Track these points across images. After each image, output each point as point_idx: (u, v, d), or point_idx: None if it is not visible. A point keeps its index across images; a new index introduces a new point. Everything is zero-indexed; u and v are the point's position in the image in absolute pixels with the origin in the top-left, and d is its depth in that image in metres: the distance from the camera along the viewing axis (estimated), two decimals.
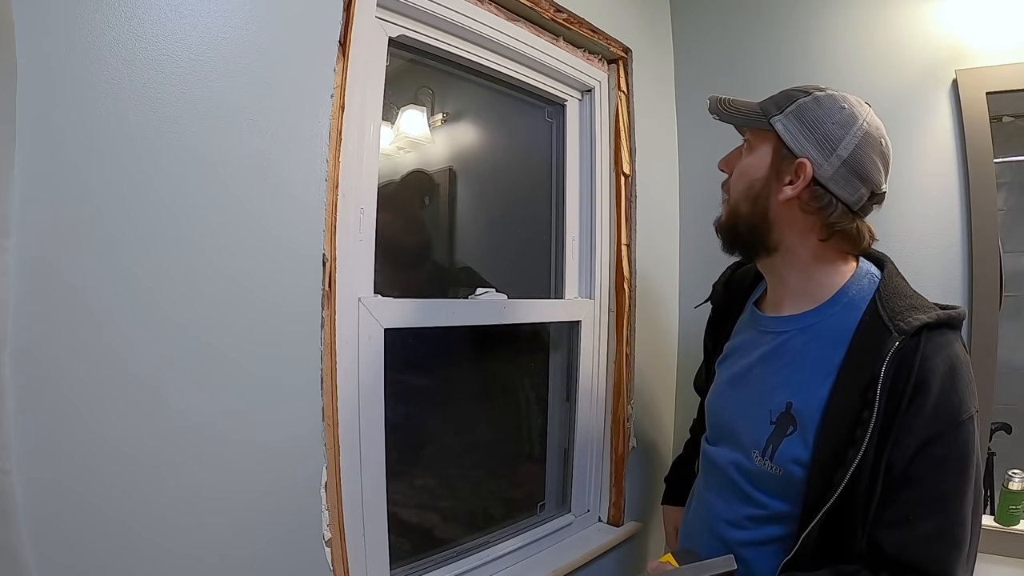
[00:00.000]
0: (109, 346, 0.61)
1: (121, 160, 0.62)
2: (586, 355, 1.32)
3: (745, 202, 0.81)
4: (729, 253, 0.88)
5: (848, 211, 0.75)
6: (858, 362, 0.71)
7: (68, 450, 0.59)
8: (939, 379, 0.68)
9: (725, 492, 0.84)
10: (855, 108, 0.75)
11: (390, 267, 1.05)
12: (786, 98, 0.78)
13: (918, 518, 0.66)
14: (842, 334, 0.74)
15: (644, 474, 1.41)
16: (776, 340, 0.82)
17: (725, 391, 0.90)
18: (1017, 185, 1.20)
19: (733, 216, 0.83)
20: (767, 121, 0.78)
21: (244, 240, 0.72)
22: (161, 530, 0.65)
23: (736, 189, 0.83)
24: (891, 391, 0.68)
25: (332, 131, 0.81)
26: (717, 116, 0.84)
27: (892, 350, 0.68)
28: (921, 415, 0.67)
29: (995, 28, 1.13)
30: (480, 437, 1.28)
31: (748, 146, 0.82)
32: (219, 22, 0.69)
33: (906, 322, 0.70)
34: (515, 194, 1.35)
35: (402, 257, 1.15)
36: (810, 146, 0.74)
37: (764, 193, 0.79)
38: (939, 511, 0.67)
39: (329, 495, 0.79)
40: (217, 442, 0.70)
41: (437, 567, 1.04)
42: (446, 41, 1.05)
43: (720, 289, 1.01)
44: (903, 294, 0.75)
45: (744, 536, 0.80)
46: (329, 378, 0.80)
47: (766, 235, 0.80)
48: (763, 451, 0.77)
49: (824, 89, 0.77)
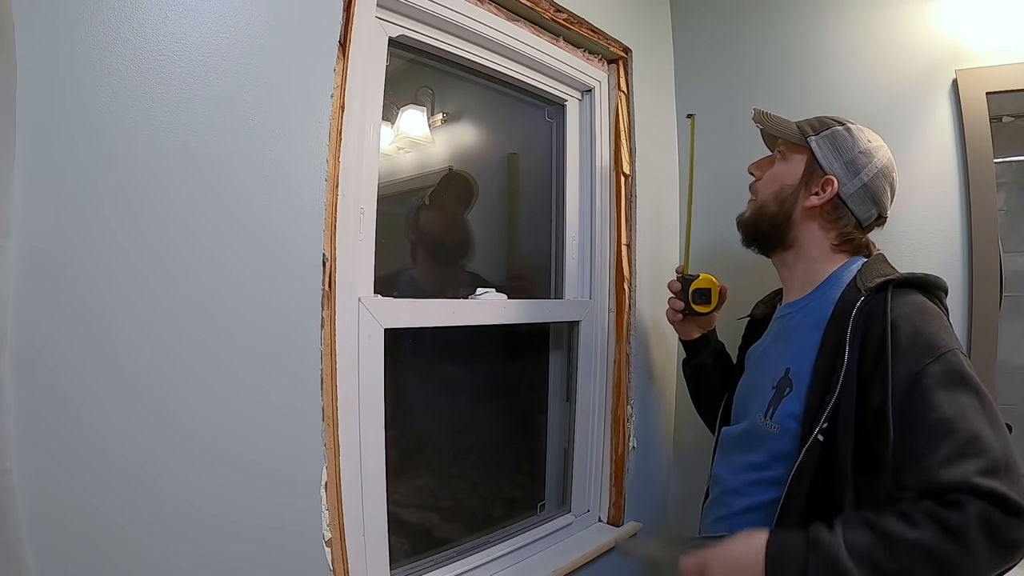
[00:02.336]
0: (109, 345, 0.61)
1: (121, 160, 0.62)
2: (586, 355, 1.32)
3: (774, 203, 0.95)
4: (747, 246, 1.02)
5: (858, 225, 0.91)
6: (837, 323, 0.82)
7: (68, 450, 0.59)
8: (910, 320, 0.75)
9: (734, 460, 0.94)
10: (878, 143, 0.92)
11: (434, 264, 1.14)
12: (821, 124, 0.93)
13: (929, 449, 0.68)
14: (828, 305, 0.86)
15: (644, 474, 1.41)
16: (782, 323, 0.96)
17: (746, 376, 1.03)
18: (1017, 185, 1.20)
19: (759, 214, 0.98)
20: (805, 139, 0.92)
21: (244, 240, 0.72)
22: (161, 530, 0.65)
23: (766, 191, 0.97)
24: (863, 339, 0.77)
25: (332, 131, 0.81)
26: (761, 126, 0.99)
27: (859, 303, 0.80)
28: (899, 351, 0.73)
29: (995, 28, 1.13)
30: (480, 437, 1.28)
31: (781, 156, 0.97)
32: (219, 22, 0.69)
33: (872, 281, 0.82)
34: (515, 194, 1.35)
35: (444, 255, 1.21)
36: (839, 167, 0.90)
37: (792, 198, 0.93)
38: (947, 434, 0.67)
39: (329, 495, 0.79)
40: (217, 442, 0.69)
41: (437, 567, 1.04)
42: (446, 41, 1.05)
43: (762, 306, 1.11)
44: (882, 270, 0.86)
45: (746, 502, 0.89)
46: (329, 378, 0.80)
47: (786, 233, 0.95)
48: (766, 413, 0.88)
49: (855, 123, 0.93)
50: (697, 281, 1.14)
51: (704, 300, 1.14)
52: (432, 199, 1.19)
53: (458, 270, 1.25)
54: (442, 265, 1.22)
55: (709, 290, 1.13)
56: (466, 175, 1.25)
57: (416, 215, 1.17)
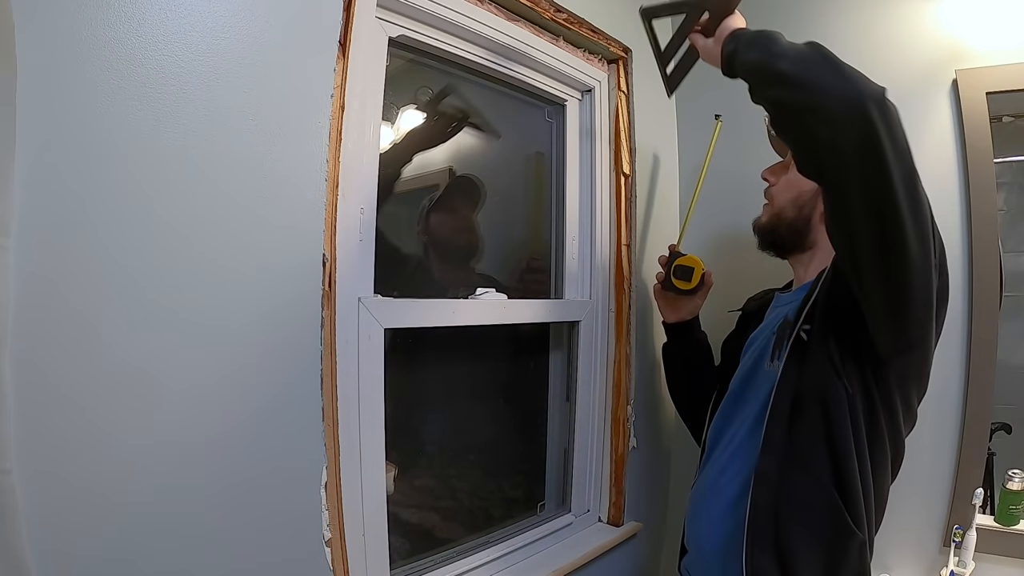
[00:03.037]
0: (109, 345, 0.61)
1: (121, 159, 0.62)
2: (586, 355, 1.32)
3: (792, 208, 0.99)
4: (762, 249, 1.06)
5: None
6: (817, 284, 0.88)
7: (68, 450, 0.59)
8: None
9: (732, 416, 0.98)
10: None
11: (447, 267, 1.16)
12: None
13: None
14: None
15: (644, 474, 1.41)
16: (781, 311, 0.99)
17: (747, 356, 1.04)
18: (1017, 185, 1.20)
19: (778, 219, 1.01)
20: None
21: (244, 240, 0.72)
22: (161, 530, 0.65)
23: (783, 197, 1.00)
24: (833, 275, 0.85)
25: (332, 131, 0.81)
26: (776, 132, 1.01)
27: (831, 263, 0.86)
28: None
29: (995, 28, 1.13)
30: (480, 437, 1.28)
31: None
32: (219, 22, 0.69)
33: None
34: (515, 194, 1.35)
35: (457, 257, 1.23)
36: None
37: (811, 203, 0.97)
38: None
39: (329, 495, 0.79)
40: (217, 442, 0.69)
41: (437, 567, 1.03)
42: (446, 41, 1.05)
43: (754, 302, 1.14)
44: None
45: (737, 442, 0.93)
46: (329, 378, 0.80)
47: (805, 237, 0.99)
48: (771, 357, 0.92)
49: None
50: (682, 258, 1.18)
51: (684, 277, 1.17)
52: (440, 202, 1.20)
53: (468, 272, 1.26)
54: (450, 266, 1.23)
55: (692, 269, 1.16)
56: (473, 178, 1.25)
57: (425, 217, 1.18)
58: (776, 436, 0.83)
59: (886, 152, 0.65)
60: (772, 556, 0.80)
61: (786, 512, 0.81)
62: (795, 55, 0.71)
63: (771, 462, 0.83)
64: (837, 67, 0.68)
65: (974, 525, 1.10)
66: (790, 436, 0.82)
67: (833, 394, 0.80)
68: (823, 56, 0.70)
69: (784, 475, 0.81)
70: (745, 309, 1.15)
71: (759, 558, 0.81)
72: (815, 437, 0.81)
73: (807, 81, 0.68)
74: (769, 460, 0.83)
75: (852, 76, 0.67)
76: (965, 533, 1.10)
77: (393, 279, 0.98)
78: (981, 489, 1.11)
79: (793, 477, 0.81)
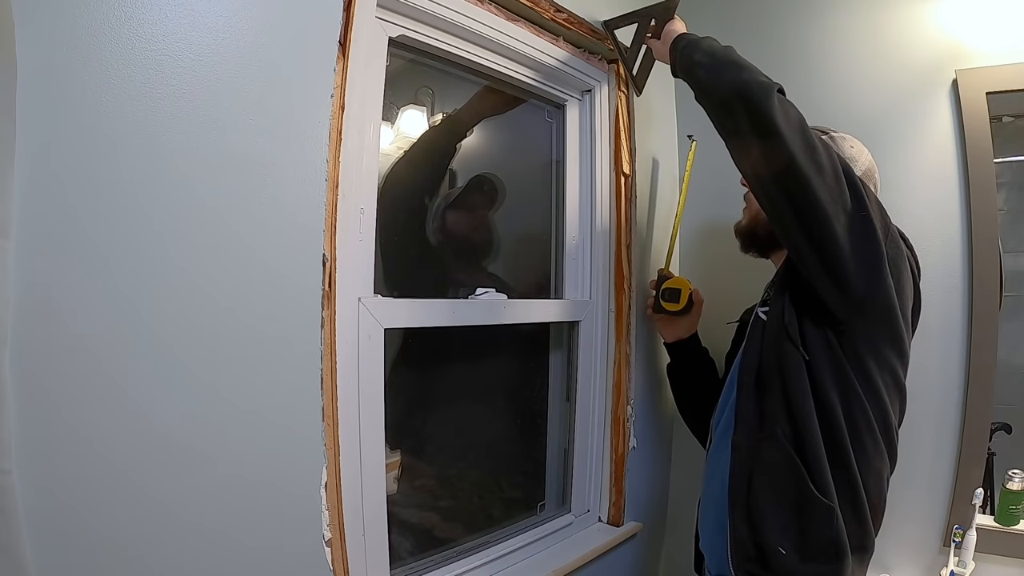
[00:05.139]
0: (109, 345, 0.61)
1: (121, 159, 0.62)
2: (586, 355, 1.32)
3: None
4: (745, 252, 1.12)
5: None
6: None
7: (69, 450, 0.59)
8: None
9: (723, 402, 1.03)
10: (859, 149, 1.01)
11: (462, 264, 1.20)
12: None
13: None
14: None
15: (644, 474, 1.41)
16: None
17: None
18: (1017, 185, 1.20)
19: (755, 220, 1.07)
20: None
21: (244, 240, 0.72)
22: (160, 530, 0.65)
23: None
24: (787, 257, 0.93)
25: (332, 131, 0.81)
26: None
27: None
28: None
29: (995, 28, 1.13)
30: (480, 437, 1.28)
31: None
32: (219, 22, 0.69)
33: None
34: (515, 194, 1.35)
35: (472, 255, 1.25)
36: None
37: None
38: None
39: (329, 495, 0.79)
40: (217, 442, 0.69)
41: (437, 567, 1.04)
42: (446, 41, 1.05)
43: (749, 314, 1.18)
44: None
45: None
46: (329, 378, 0.80)
47: None
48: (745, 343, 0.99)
49: (837, 131, 1.03)
50: (670, 281, 1.24)
51: (673, 299, 1.22)
52: (458, 200, 1.22)
53: (479, 271, 1.27)
54: (463, 264, 1.25)
55: (679, 291, 1.22)
56: (492, 177, 1.27)
57: (442, 214, 1.19)
58: (748, 409, 0.92)
59: (776, 121, 0.78)
60: (744, 515, 0.88)
61: (756, 475, 0.89)
62: (709, 59, 0.90)
63: (742, 432, 0.92)
64: (738, 64, 0.86)
65: (974, 525, 1.10)
66: (760, 407, 0.91)
67: (790, 361, 0.88)
68: (731, 58, 0.89)
69: (754, 443, 0.90)
70: (743, 320, 1.16)
71: (738, 524, 0.89)
72: (777, 404, 0.89)
73: (716, 75, 0.88)
74: (741, 430, 0.92)
75: (748, 68, 0.85)
76: (965, 533, 1.10)
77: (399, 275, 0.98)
78: (981, 489, 1.11)
79: (761, 442, 0.89)
